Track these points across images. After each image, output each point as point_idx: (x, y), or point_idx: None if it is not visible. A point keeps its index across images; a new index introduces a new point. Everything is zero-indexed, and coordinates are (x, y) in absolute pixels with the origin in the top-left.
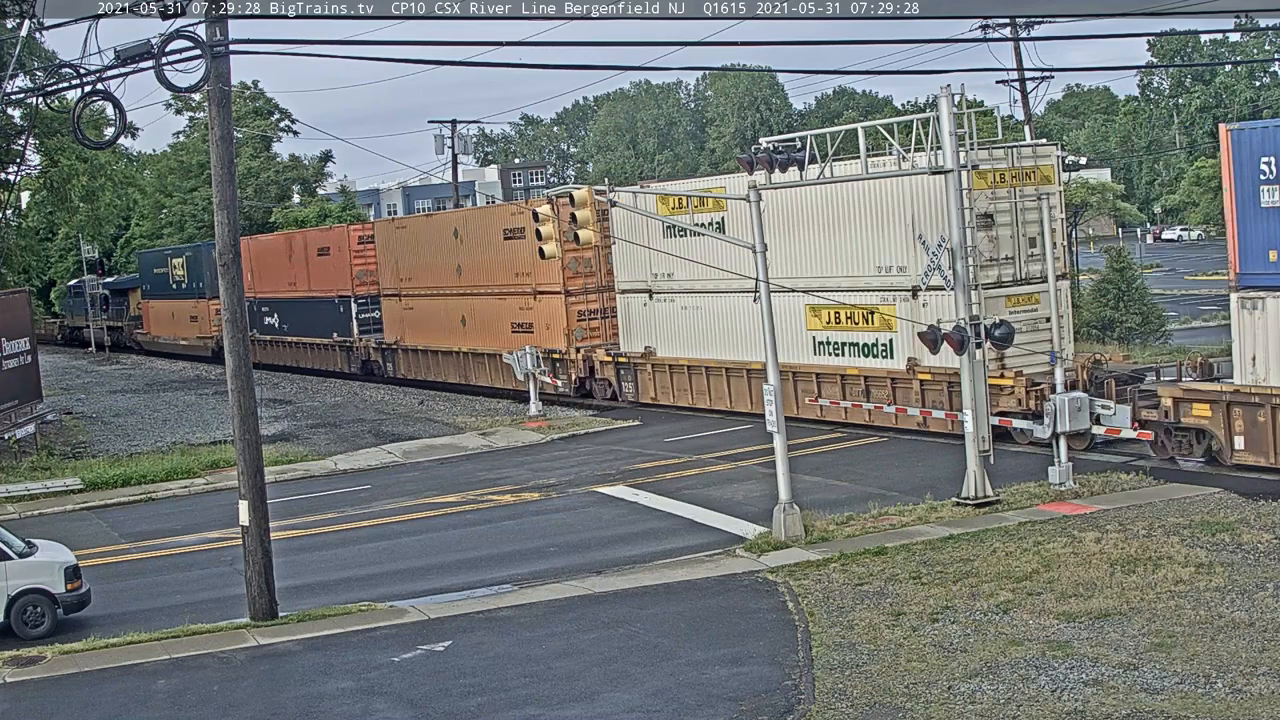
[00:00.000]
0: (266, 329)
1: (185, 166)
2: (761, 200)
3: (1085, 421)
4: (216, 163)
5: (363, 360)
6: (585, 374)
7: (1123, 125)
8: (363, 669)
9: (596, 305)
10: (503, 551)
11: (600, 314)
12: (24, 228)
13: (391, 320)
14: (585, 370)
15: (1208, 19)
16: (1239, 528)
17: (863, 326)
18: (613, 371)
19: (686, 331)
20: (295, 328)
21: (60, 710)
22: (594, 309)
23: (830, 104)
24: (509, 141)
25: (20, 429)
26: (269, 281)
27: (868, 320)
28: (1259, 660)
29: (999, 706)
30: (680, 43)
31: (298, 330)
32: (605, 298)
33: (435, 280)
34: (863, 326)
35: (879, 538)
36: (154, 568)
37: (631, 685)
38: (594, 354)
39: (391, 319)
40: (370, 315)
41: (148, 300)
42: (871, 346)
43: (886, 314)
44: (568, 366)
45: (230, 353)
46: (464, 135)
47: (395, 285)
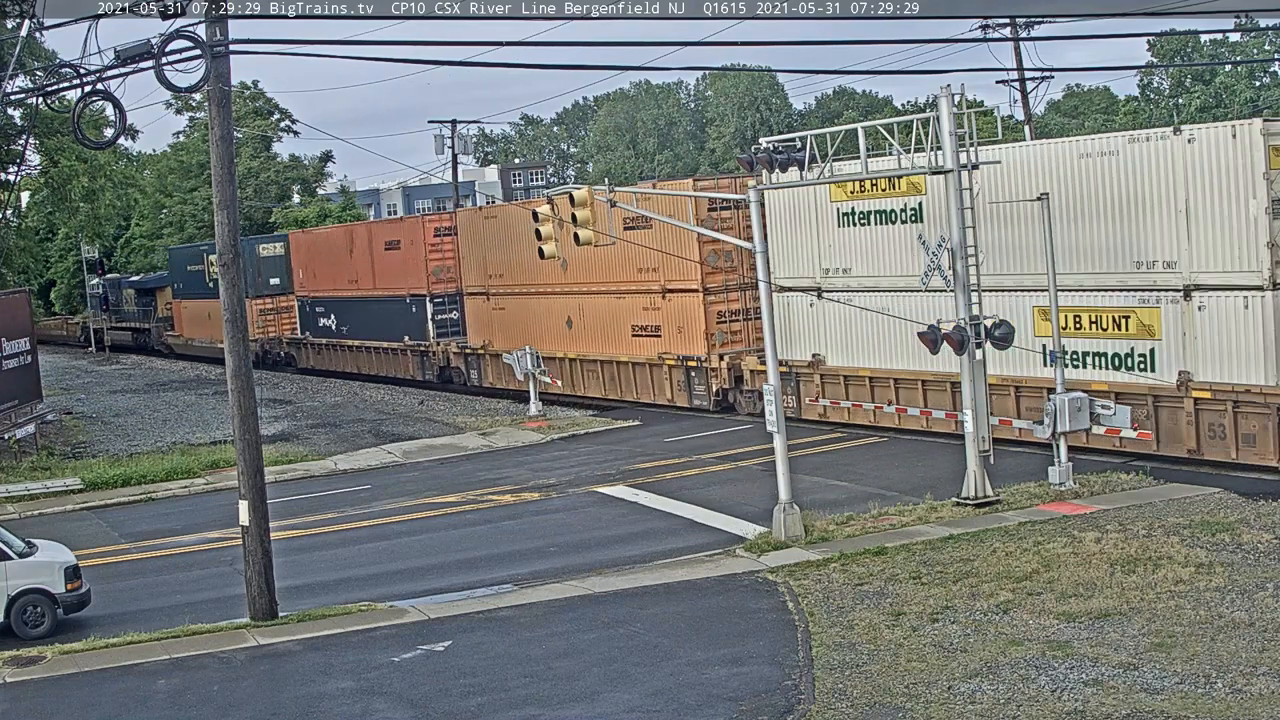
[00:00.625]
0: (322, 331)
1: (185, 166)
2: (763, 201)
3: (1085, 421)
4: (216, 163)
5: (440, 367)
6: (729, 385)
7: (1123, 125)
8: (363, 669)
9: (738, 305)
10: (503, 551)
11: (743, 315)
12: (24, 228)
13: (477, 322)
14: (729, 380)
15: (1208, 19)
16: (1239, 528)
17: (1112, 333)
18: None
19: (868, 336)
20: (358, 330)
21: (60, 710)
22: (735, 309)
23: (830, 104)
24: (509, 141)
25: (20, 429)
26: (325, 279)
27: (1119, 326)
28: (1259, 660)
29: (999, 706)
30: (680, 43)
31: (361, 333)
32: (748, 296)
33: (532, 277)
34: (1112, 333)
35: (879, 538)
36: (154, 568)
37: (631, 685)
38: (741, 361)
39: (477, 321)
40: (448, 316)
41: (180, 300)
42: (1125, 357)
43: (1145, 319)
44: (706, 376)
45: (230, 353)
46: (464, 135)
47: (482, 283)
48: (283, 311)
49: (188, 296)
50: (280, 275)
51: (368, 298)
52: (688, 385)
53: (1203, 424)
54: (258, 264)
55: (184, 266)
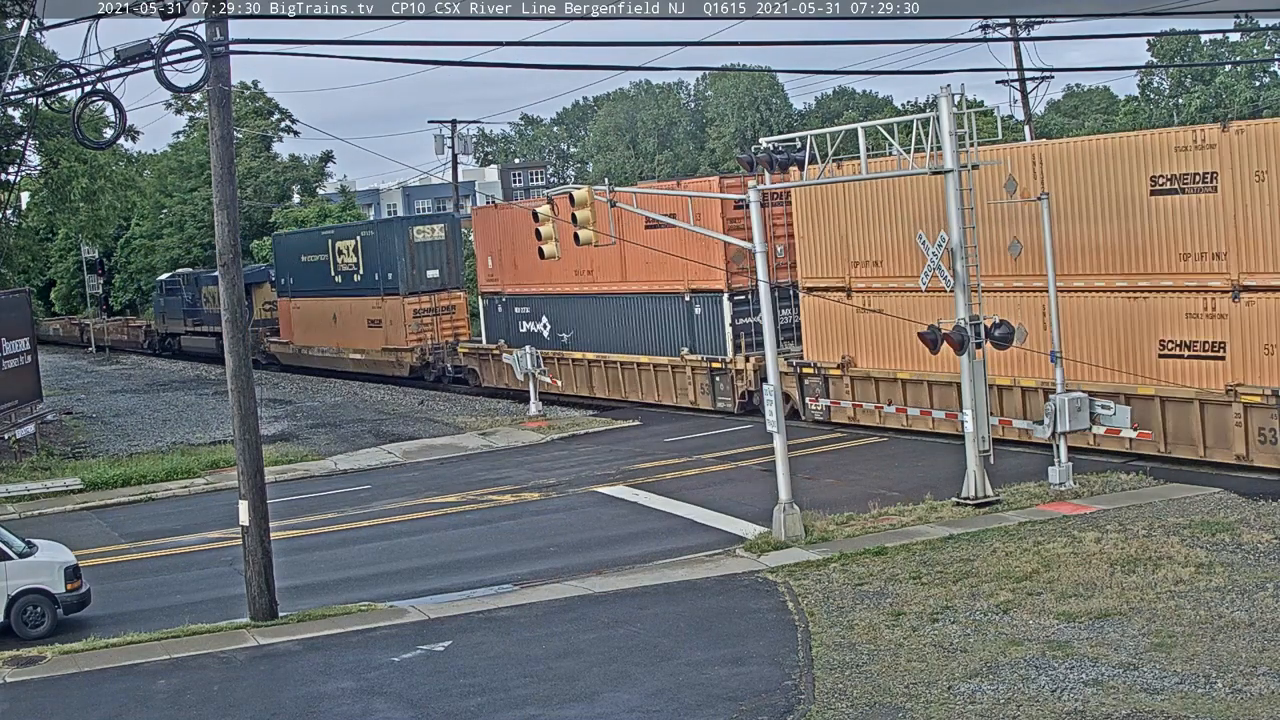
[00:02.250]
0: (525, 340)
1: (185, 166)
2: (762, 201)
3: (1085, 421)
4: (216, 163)
5: (746, 392)
6: (754, 387)
7: (1123, 125)
8: (363, 669)
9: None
10: (503, 551)
11: None
12: (24, 228)
13: (825, 328)
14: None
15: (1208, 19)
16: (1239, 528)
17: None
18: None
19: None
20: (592, 339)
21: (60, 710)
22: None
23: (830, 104)
24: (509, 141)
25: (20, 429)
26: (533, 270)
27: None
28: (1259, 660)
29: (999, 706)
30: (680, 43)
31: (599, 343)
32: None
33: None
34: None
35: (879, 538)
36: (154, 568)
37: (631, 685)
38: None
39: (825, 326)
40: (747, 322)
41: (289, 298)
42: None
43: None
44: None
45: (230, 353)
46: (464, 135)
47: (840, 273)
48: (444, 312)
49: (301, 294)
50: (440, 266)
51: (611, 295)
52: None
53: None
54: (410, 252)
55: (295, 256)
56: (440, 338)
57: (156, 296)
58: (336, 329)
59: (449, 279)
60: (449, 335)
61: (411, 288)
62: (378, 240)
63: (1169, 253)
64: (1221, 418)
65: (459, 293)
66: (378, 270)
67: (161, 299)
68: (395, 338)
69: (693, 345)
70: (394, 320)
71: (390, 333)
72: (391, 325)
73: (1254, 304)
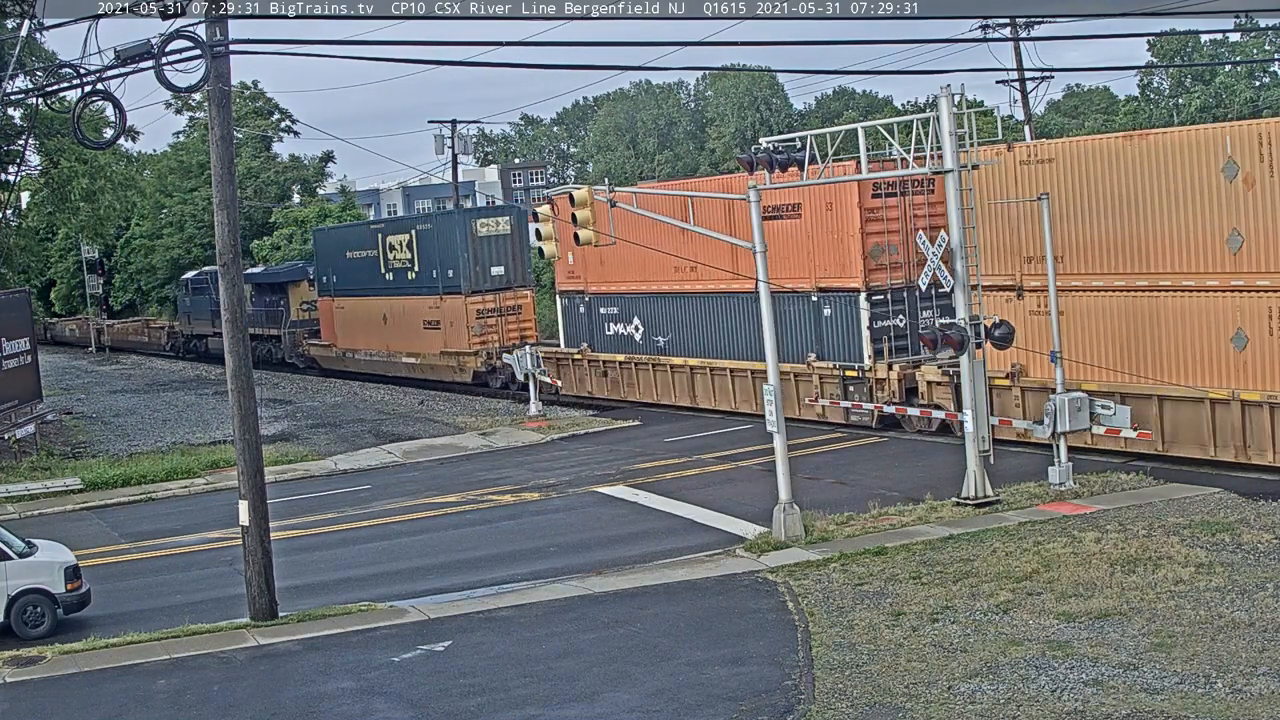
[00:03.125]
0: (613, 344)
1: (185, 166)
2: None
3: (1085, 421)
4: (216, 163)
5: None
6: (899, 398)
7: (1123, 125)
8: (363, 669)
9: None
10: (503, 551)
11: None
12: (24, 228)
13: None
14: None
15: (1208, 19)
16: (1239, 528)
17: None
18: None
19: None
20: (696, 344)
21: (60, 710)
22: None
23: (830, 104)
24: (509, 141)
25: (20, 429)
26: (625, 267)
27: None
28: (1259, 660)
29: (999, 706)
30: (680, 43)
31: (702, 347)
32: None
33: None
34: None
35: (879, 538)
36: (154, 568)
37: (631, 685)
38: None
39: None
40: (887, 324)
41: (331, 298)
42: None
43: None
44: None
45: (230, 353)
46: (464, 135)
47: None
48: (509, 312)
49: (346, 293)
50: (504, 262)
51: (719, 294)
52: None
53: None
54: (472, 247)
55: (340, 252)
56: (506, 340)
57: (181, 296)
58: (387, 331)
59: (515, 276)
60: (515, 337)
61: (475, 286)
62: (436, 234)
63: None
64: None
65: (525, 291)
66: (436, 267)
67: (187, 298)
68: (456, 340)
69: (820, 351)
70: (454, 321)
71: (450, 335)
72: (452, 327)
73: None
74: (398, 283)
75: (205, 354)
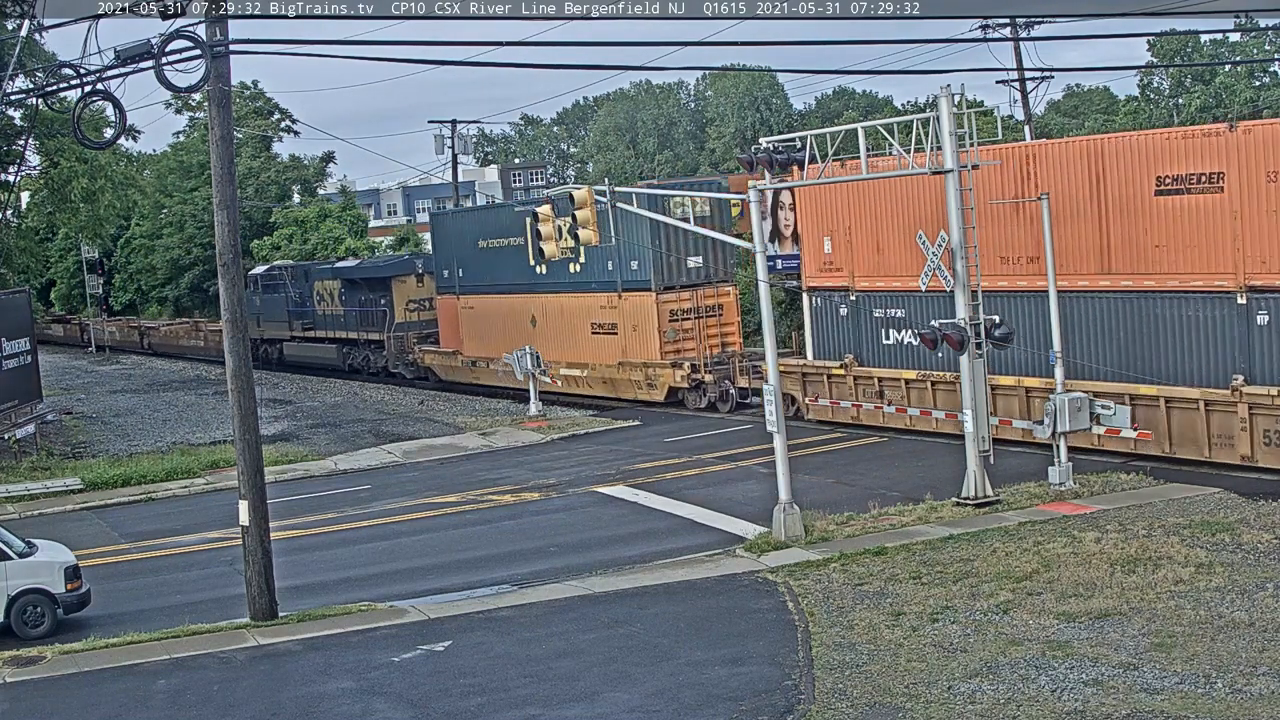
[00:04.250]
0: (894, 354)
1: (185, 166)
2: (762, 200)
3: (1085, 421)
4: (216, 163)
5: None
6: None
7: (1123, 125)
8: (363, 669)
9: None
10: (503, 551)
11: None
12: (24, 228)
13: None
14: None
15: (1208, 19)
16: (1239, 528)
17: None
18: None
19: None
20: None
21: (60, 710)
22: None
23: (830, 104)
24: (509, 141)
25: (20, 429)
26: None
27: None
28: (1259, 660)
29: (999, 706)
30: (680, 43)
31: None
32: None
33: None
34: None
35: (879, 538)
36: (154, 568)
37: (631, 685)
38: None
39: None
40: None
41: (455, 296)
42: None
43: None
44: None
45: (230, 353)
46: (464, 135)
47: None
48: (709, 314)
49: (477, 289)
50: (704, 251)
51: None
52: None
53: None
54: (664, 231)
55: (469, 242)
56: (708, 348)
57: (249, 295)
58: (536, 336)
59: (716, 269)
60: (716, 346)
61: (667, 281)
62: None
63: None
64: None
65: (727, 287)
66: (612, 257)
67: (256, 298)
68: (641, 348)
69: (1250, 372)
70: (639, 324)
71: (632, 342)
72: (635, 331)
73: None
74: (553, 277)
75: (280, 362)
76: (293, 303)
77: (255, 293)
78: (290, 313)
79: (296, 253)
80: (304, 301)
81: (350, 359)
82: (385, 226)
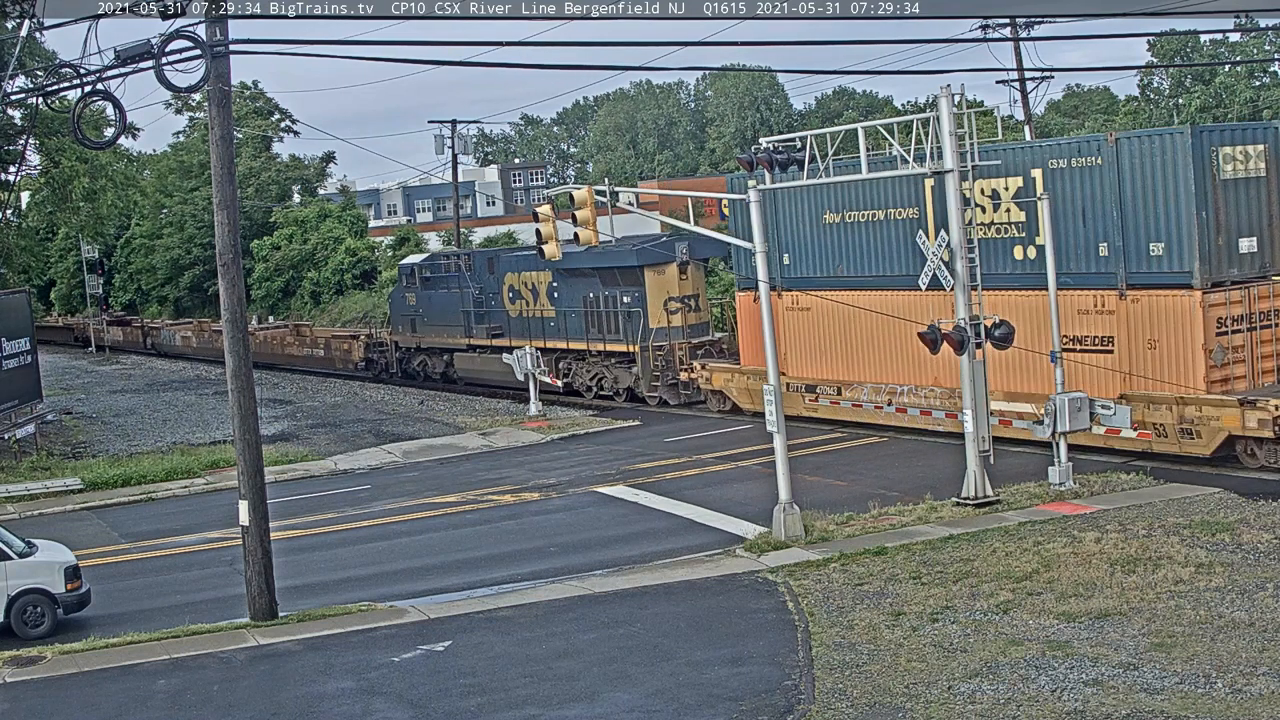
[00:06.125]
0: None
1: (185, 166)
2: (761, 200)
3: (1085, 421)
4: (216, 163)
5: None
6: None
7: (1123, 125)
8: (363, 669)
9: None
10: (503, 551)
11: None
12: (24, 228)
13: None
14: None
15: (1208, 19)
16: (1239, 528)
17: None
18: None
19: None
20: None
21: (60, 710)
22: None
23: (830, 104)
24: (509, 141)
25: (20, 429)
26: None
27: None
28: (1259, 660)
29: (999, 706)
30: (680, 43)
31: None
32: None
33: None
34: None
35: (879, 538)
36: (154, 568)
37: (631, 685)
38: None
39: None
40: None
41: (777, 292)
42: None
43: None
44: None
45: (230, 352)
46: (464, 135)
47: None
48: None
49: (808, 283)
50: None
51: None
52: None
53: None
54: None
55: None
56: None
57: (396, 293)
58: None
59: (1273, 254)
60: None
61: (1215, 273)
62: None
63: None
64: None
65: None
66: (1103, 232)
67: (408, 294)
68: (1170, 370)
69: None
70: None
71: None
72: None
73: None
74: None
75: (445, 378)
76: (472, 301)
77: (408, 289)
78: (467, 314)
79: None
80: (485, 300)
81: (574, 372)
82: (385, 226)
